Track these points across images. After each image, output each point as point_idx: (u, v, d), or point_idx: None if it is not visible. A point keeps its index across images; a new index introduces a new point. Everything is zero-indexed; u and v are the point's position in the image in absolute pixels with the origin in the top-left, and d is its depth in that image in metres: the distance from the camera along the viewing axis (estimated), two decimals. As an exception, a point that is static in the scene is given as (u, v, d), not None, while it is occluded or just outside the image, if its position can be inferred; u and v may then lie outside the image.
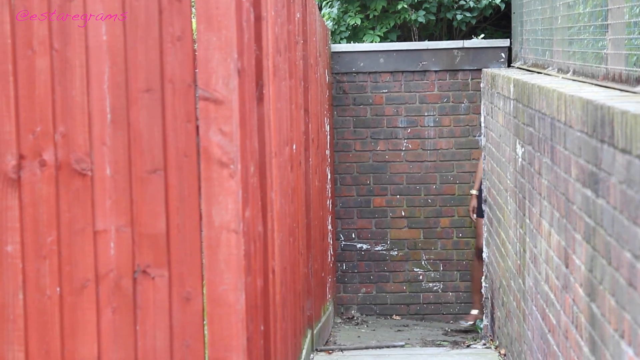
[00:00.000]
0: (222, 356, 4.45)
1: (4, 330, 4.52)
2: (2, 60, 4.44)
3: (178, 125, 4.43)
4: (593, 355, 4.30)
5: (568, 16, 6.64)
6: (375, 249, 10.61)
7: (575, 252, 4.74)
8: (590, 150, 4.30)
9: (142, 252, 4.47)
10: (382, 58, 10.70)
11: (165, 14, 4.41)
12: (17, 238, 4.49)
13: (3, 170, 4.47)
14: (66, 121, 4.45)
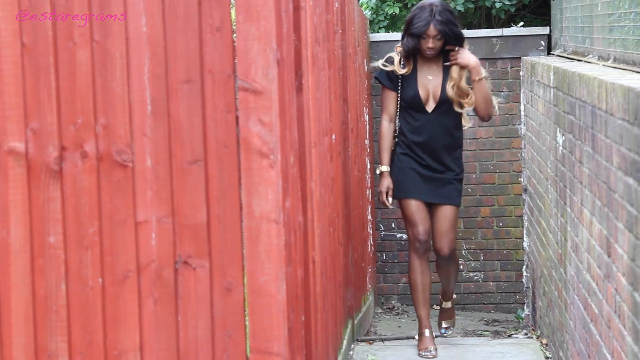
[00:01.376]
0: (264, 346, 4.47)
1: (48, 321, 4.56)
2: (43, 53, 4.47)
3: (218, 115, 4.44)
4: (636, 345, 4.30)
5: (608, 3, 6.62)
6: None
7: (617, 241, 4.73)
8: (632, 138, 4.30)
9: (183, 242, 4.49)
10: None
11: (204, 5, 4.42)
12: (59, 229, 4.52)
13: (45, 161, 4.51)
14: (107, 112, 4.48)
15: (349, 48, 8.42)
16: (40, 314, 4.55)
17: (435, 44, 7.39)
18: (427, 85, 7.61)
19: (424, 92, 7.61)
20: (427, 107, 7.65)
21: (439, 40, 7.40)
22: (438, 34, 7.33)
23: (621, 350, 4.66)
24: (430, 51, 7.41)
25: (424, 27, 7.31)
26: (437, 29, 7.30)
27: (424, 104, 7.63)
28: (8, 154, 4.51)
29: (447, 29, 7.33)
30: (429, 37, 7.35)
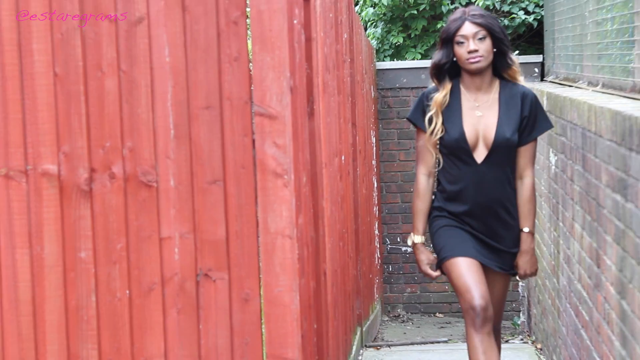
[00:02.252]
0: (279, 353, 4.46)
1: (79, 330, 4.55)
2: (74, 81, 4.47)
3: (236, 139, 4.44)
4: (624, 349, 4.28)
5: (597, 33, 6.61)
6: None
7: (606, 253, 4.72)
8: (620, 158, 4.29)
9: (204, 256, 4.49)
10: (424, 74, 10.65)
11: (223, 36, 4.43)
12: (89, 245, 4.52)
13: (76, 182, 4.51)
14: (133, 136, 4.48)
15: (357, 75, 8.42)
16: (72, 324, 4.55)
17: (478, 46, 5.05)
18: (476, 124, 5.14)
19: (473, 134, 5.13)
20: (476, 156, 5.15)
21: (483, 40, 5.06)
22: (480, 30, 5.06)
23: (610, 354, 4.64)
24: (474, 58, 5.06)
25: (458, 25, 5.08)
26: (475, 23, 5.05)
27: (471, 150, 5.15)
28: (42, 176, 4.51)
29: (488, 21, 5.09)
30: (467, 38, 5.07)
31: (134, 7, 4.44)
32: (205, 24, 4.43)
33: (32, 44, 4.48)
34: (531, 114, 5.14)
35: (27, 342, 4.57)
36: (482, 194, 5.17)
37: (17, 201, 4.53)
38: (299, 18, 4.87)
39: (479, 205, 5.20)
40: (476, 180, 5.18)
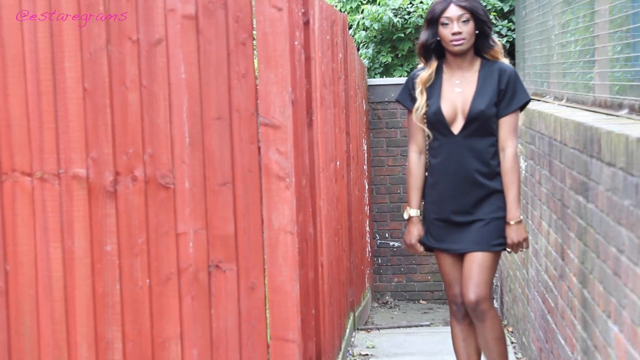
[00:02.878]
0: (281, 335, 4.46)
1: (105, 315, 4.55)
2: (101, 95, 4.47)
3: (243, 146, 4.44)
4: (585, 332, 4.28)
5: (562, 54, 6.61)
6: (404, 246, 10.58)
7: (569, 248, 4.72)
8: (582, 164, 4.29)
9: (215, 250, 4.48)
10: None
11: (232, 55, 4.42)
12: (114, 239, 4.51)
13: (103, 184, 4.50)
14: (153, 144, 4.48)
15: (351, 90, 8.42)
16: (99, 309, 4.54)
17: (462, 28, 4.71)
18: (455, 100, 4.85)
19: (450, 108, 4.85)
20: (453, 128, 4.86)
21: (466, 22, 4.73)
22: (464, 13, 4.72)
23: (572, 336, 4.64)
24: (457, 41, 4.74)
25: (444, 7, 4.73)
26: (461, 6, 4.70)
27: (448, 123, 4.86)
28: (72, 178, 4.51)
29: (472, 4, 4.73)
30: (452, 20, 4.72)
31: (154, 30, 4.44)
32: (217, 45, 4.42)
33: (64, 62, 4.48)
34: (509, 87, 4.85)
35: (59, 325, 4.57)
36: (459, 164, 4.86)
37: (51, 201, 4.53)
38: (299, 40, 4.87)
39: (457, 175, 4.88)
40: (454, 151, 4.87)
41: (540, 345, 5.94)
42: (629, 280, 3.36)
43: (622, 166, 3.41)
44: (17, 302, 4.57)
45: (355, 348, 7.80)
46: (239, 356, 4.51)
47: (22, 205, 4.54)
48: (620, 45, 4.89)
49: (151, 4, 4.44)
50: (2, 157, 4.52)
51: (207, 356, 4.52)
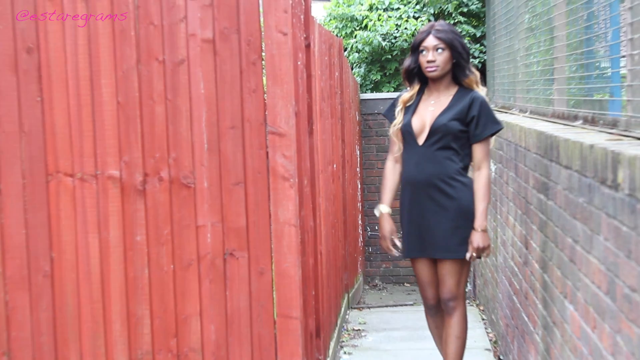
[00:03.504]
0: (286, 312, 4.46)
1: (136, 295, 4.55)
2: (132, 108, 4.47)
3: (253, 151, 4.44)
4: (545, 310, 4.28)
5: (526, 73, 6.62)
6: (391, 236, 10.57)
7: (532, 238, 4.73)
8: (542, 167, 4.29)
9: (229, 240, 4.49)
10: (396, 103, 10.66)
11: (244, 73, 4.43)
12: (143, 231, 4.52)
13: (133, 184, 4.51)
14: (176, 149, 4.48)
15: (345, 104, 8.42)
16: (131, 290, 4.55)
17: (436, 57, 4.61)
18: (425, 116, 4.71)
19: (419, 122, 4.71)
20: (419, 139, 4.71)
21: (441, 52, 4.62)
22: (439, 44, 4.61)
23: (534, 314, 4.64)
24: (430, 68, 4.64)
25: (423, 37, 4.64)
26: (437, 37, 4.59)
27: (416, 135, 4.72)
28: (108, 179, 4.51)
29: (449, 36, 4.62)
30: (429, 49, 4.62)
31: (177, 51, 4.45)
32: (231, 65, 4.43)
33: (100, 79, 4.48)
34: (480, 115, 4.63)
35: (96, 304, 4.57)
36: (422, 171, 4.69)
37: (89, 198, 4.53)
38: (302, 60, 4.88)
39: (418, 185, 4.74)
40: (417, 159, 4.72)
41: (507, 322, 5.95)
42: (583, 266, 3.36)
43: (577, 169, 3.42)
44: (61, 284, 4.57)
45: (349, 324, 7.81)
46: (249, 331, 4.52)
47: (65, 202, 4.54)
48: (575, 65, 4.89)
49: (175, 29, 4.44)
50: (48, 160, 4.53)
51: (222, 331, 4.52)
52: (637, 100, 3.36)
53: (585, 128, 4.14)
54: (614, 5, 4.13)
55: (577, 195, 3.42)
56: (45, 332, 4.61)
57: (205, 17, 4.42)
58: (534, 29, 6.23)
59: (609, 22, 4.28)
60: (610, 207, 2.90)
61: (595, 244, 3.14)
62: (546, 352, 4.27)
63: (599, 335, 3.10)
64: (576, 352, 3.52)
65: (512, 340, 5.65)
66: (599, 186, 3.05)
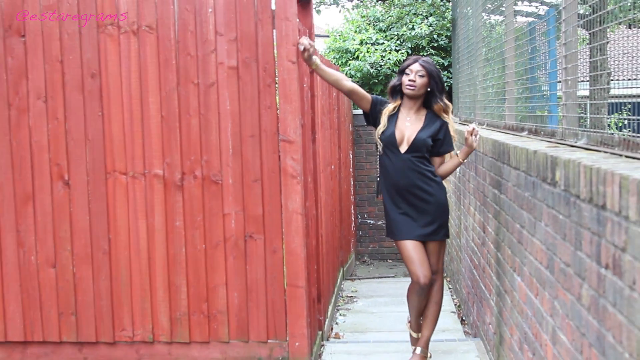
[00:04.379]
0: (294, 283, 4.47)
1: (175, 269, 4.56)
2: (173, 120, 4.48)
3: (269, 155, 4.45)
4: (498, 281, 4.28)
5: (483, 94, 6.62)
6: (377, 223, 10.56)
7: (488, 224, 4.73)
8: (497, 168, 4.29)
9: (249, 225, 4.49)
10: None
11: (261, 93, 4.44)
12: (181, 217, 4.53)
13: (174, 180, 4.51)
14: (207, 153, 4.49)
15: (341, 117, 8.42)
16: (171, 265, 4.56)
17: (416, 79, 4.51)
18: (404, 130, 4.57)
19: (400, 135, 4.56)
20: (401, 148, 4.55)
21: (421, 77, 4.52)
22: (421, 70, 4.49)
23: (490, 284, 4.64)
24: (410, 85, 4.52)
25: (411, 63, 4.54)
26: (422, 65, 4.48)
27: (398, 144, 4.55)
28: (153, 177, 4.52)
29: (431, 67, 4.54)
30: (412, 72, 4.50)
31: (209, 76, 4.46)
32: (251, 86, 4.44)
33: (148, 98, 4.49)
34: (445, 138, 4.56)
35: (144, 275, 4.58)
36: (403, 176, 4.55)
37: (139, 191, 4.54)
38: (307, 83, 4.88)
39: (403, 185, 4.57)
40: (400, 165, 4.56)
41: (468, 290, 5.95)
42: (528, 246, 3.37)
43: (523, 169, 3.42)
44: (117, 259, 4.59)
45: (344, 292, 7.81)
46: (265, 297, 4.52)
47: (120, 194, 4.55)
48: (521, 88, 4.90)
49: (207, 59, 4.45)
50: (107, 162, 4.54)
51: (243, 297, 4.53)
52: (570, 116, 3.37)
53: (530, 137, 4.15)
54: (551, 42, 4.15)
55: (524, 190, 3.43)
56: (104, 297, 4.62)
57: (230, 49, 4.43)
58: (489, 60, 6.24)
59: (548, 54, 4.29)
60: (550, 199, 2.91)
61: (538, 228, 3.15)
62: (499, 314, 4.28)
63: (541, 301, 3.11)
64: (522, 314, 3.53)
65: (472, 304, 5.66)
66: (540, 183, 3.06)
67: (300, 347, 4.48)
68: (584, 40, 3.47)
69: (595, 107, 3.13)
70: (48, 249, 4.60)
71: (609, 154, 2.70)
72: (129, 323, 4.61)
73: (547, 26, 4.36)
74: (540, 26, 4.58)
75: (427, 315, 4.77)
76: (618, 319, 2.13)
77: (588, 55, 3.25)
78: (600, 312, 2.30)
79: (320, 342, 5.12)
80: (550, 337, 2.95)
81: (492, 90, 6.12)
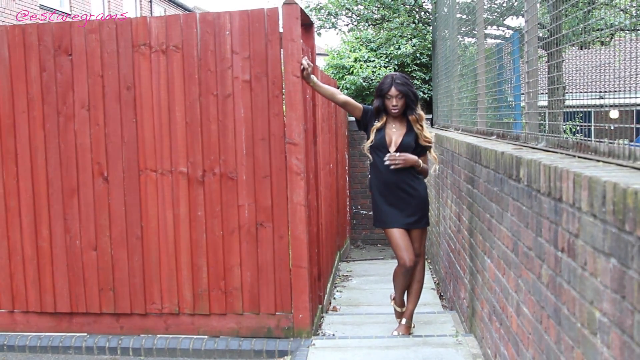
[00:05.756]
0: (298, 264, 4.47)
1: (197, 251, 4.56)
2: (195, 126, 4.48)
3: (277, 155, 4.45)
4: (471, 263, 4.29)
5: (459, 103, 6.61)
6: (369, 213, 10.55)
7: (463, 214, 4.73)
8: (470, 166, 4.29)
9: (260, 215, 4.49)
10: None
11: (270, 103, 4.43)
12: (202, 209, 4.52)
13: (196, 177, 4.51)
14: (225, 154, 4.48)
15: (338, 123, 8.42)
16: (194, 248, 4.56)
17: (398, 102, 4.55)
18: (392, 135, 4.60)
19: (389, 139, 4.59)
20: (390, 149, 4.59)
21: (401, 99, 4.56)
22: (399, 94, 4.54)
23: (464, 265, 4.65)
24: (394, 109, 4.57)
25: (388, 89, 4.56)
26: (398, 90, 4.53)
27: (387, 145, 4.58)
28: (179, 173, 4.52)
29: (406, 89, 4.56)
30: (392, 97, 4.56)
31: (226, 88, 4.45)
32: (262, 97, 4.43)
33: (175, 106, 4.49)
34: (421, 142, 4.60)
35: (171, 257, 4.58)
36: (392, 174, 4.57)
37: (167, 186, 4.54)
38: (309, 94, 4.87)
39: (391, 182, 4.61)
40: (388, 164, 4.58)
41: (446, 270, 5.95)
42: (496, 232, 3.37)
43: (493, 168, 3.42)
44: (148, 243, 4.59)
45: (340, 272, 7.81)
46: (273, 276, 4.52)
47: (151, 188, 4.55)
48: (490, 99, 4.90)
49: (225, 74, 4.45)
50: (139, 160, 4.54)
51: (255, 276, 4.53)
52: (532, 123, 3.37)
53: (498, 141, 4.15)
54: (516, 60, 4.15)
55: (493, 185, 3.43)
56: (137, 275, 4.62)
57: (244, 65, 4.43)
58: (464, 75, 6.23)
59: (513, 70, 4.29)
60: (515, 193, 2.91)
61: (505, 218, 3.15)
62: (472, 291, 4.28)
63: (507, 279, 3.12)
64: (492, 290, 3.53)
65: (449, 282, 5.66)
66: (507, 179, 3.07)
67: (303, 319, 4.49)
68: (542, 59, 3.47)
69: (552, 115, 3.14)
70: (90, 234, 4.61)
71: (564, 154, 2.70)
72: (158, 297, 4.61)
73: (512, 47, 4.37)
74: (506, 47, 4.58)
75: (411, 292, 4.79)
76: (572, 294, 2.14)
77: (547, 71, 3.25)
78: (557, 288, 2.30)
79: (320, 314, 5.13)
80: (514, 310, 2.96)
81: (466, 100, 6.12)
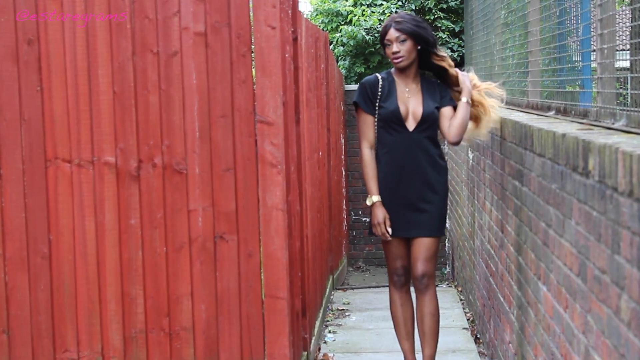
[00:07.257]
0: (273, 293, 4.47)
1: (130, 276, 4.55)
2: (127, 97, 4.47)
3: (243, 139, 4.44)
4: (520, 291, 4.30)
5: (502, 65, 6.63)
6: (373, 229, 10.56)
7: (507, 223, 4.74)
8: (518, 155, 4.30)
9: (220, 224, 4.49)
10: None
11: (234, 65, 4.42)
12: (137, 215, 4.51)
13: (128, 170, 4.50)
14: (169, 137, 4.47)
15: (331, 94, 8.42)
16: (125, 271, 4.55)
17: (400, 48, 4.56)
18: (407, 103, 4.66)
19: (404, 109, 4.65)
20: (408, 125, 4.67)
21: (404, 42, 4.57)
22: (400, 35, 4.54)
23: (510, 294, 4.66)
24: (397, 58, 4.59)
25: (385, 30, 4.58)
26: (397, 29, 4.53)
27: (404, 120, 4.67)
28: (104, 165, 4.51)
29: (410, 27, 4.55)
30: (391, 42, 4.57)
31: (171, 44, 4.44)
32: (222, 56, 4.42)
33: (97, 70, 4.48)
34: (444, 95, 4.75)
35: (92, 284, 4.57)
36: (411, 156, 4.68)
37: (86, 183, 4.53)
38: (289, 52, 4.87)
39: (411, 167, 4.70)
40: (407, 145, 4.69)
41: (484, 302, 5.97)
42: (555, 249, 3.37)
43: (550, 157, 3.42)
44: (58, 265, 4.57)
45: (334, 304, 7.82)
46: (238, 310, 4.52)
47: (63, 187, 4.54)
48: (548, 59, 4.90)
49: (169, 23, 4.43)
50: (47, 147, 4.52)
51: (213, 310, 4.53)
52: (606, 92, 3.37)
53: (558, 118, 4.15)
54: (584, 3, 4.14)
55: (550, 182, 3.43)
56: (43, 311, 4.60)
57: (197, 11, 4.41)
58: (510, 24, 6.24)
59: (580, 18, 4.29)
60: (582, 193, 2.91)
61: (567, 228, 3.15)
62: (521, 331, 4.29)
63: (571, 315, 3.12)
64: (549, 330, 3.53)
65: (489, 319, 5.68)
66: (570, 173, 3.06)
67: (281, 371, 4.48)
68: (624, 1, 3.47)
69: (637, 82, 3.14)
70: (-24, 252, 4.58)
71: (653, 138, 2.70)
72: (73, 342, 4.59)
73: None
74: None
75: (424, 332, 4.82)
76: (664, 337, 2.13)
77: (629, 18, 3.25)
78: (642, 328, 2.30)
79: (306, 365, 5.12)
80: (582, 359, 2.96)
81: (512, 61, 6.12)
